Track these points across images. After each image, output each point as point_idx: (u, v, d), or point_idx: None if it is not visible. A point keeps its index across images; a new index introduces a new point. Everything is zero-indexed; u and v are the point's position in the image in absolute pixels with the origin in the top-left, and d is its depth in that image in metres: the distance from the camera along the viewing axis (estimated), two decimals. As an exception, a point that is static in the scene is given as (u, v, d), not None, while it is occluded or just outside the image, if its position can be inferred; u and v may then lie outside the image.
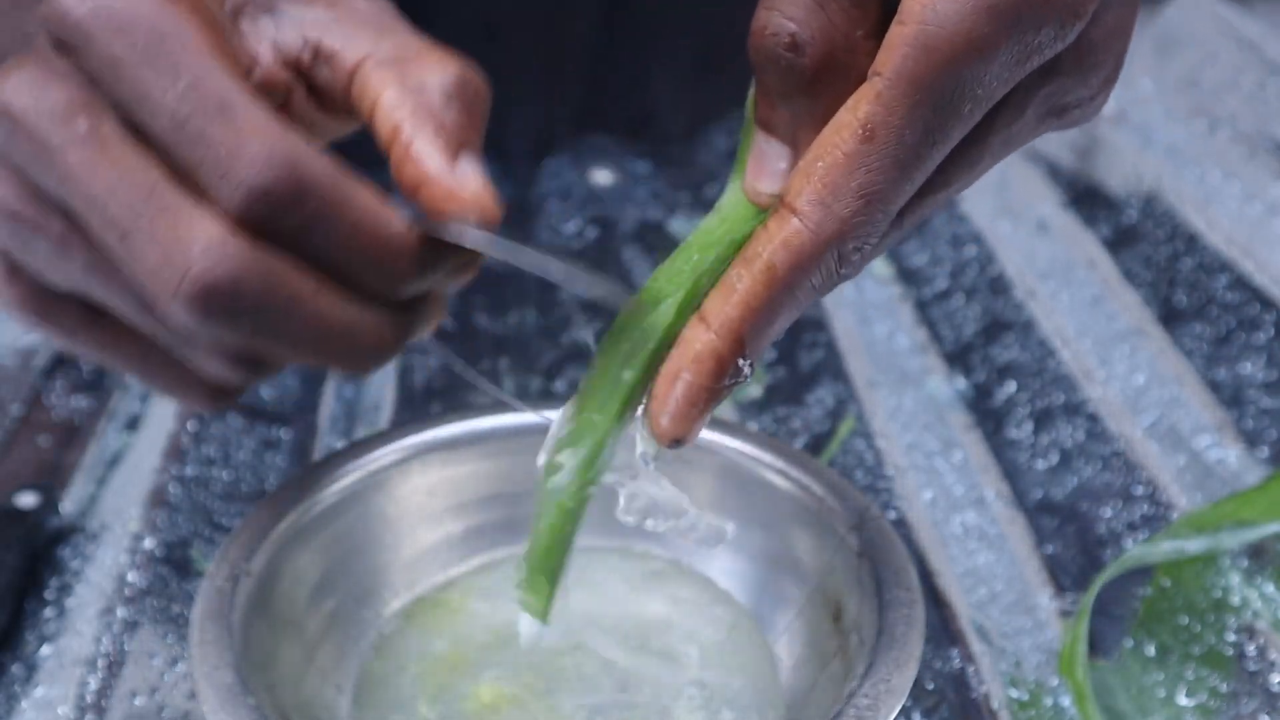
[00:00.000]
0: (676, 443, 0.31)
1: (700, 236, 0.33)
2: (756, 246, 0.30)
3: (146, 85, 0.29)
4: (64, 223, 0.31)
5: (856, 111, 0.29)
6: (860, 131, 0.29)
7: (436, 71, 0.33)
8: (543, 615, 0.35)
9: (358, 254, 0.30)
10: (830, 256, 0.30)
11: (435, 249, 0.31)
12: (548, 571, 0.34)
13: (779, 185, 0.31)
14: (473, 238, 0.31)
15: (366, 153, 0.35)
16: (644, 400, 0.32)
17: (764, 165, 0.32)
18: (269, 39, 0.34)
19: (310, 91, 0.35)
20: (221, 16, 0.33)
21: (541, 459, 0.34)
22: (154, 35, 0.29)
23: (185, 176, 0.29)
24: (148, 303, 0.30)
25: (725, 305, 0.30)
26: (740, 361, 0.31)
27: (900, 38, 0.28)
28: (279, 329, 0.30)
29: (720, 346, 0.30)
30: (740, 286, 0.30)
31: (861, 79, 0.29)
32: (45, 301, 0.33)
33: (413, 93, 0.33)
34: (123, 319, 0.32)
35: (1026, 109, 0.31)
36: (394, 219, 0.31)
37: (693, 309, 0.32)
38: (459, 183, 0.31)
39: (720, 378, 0.30)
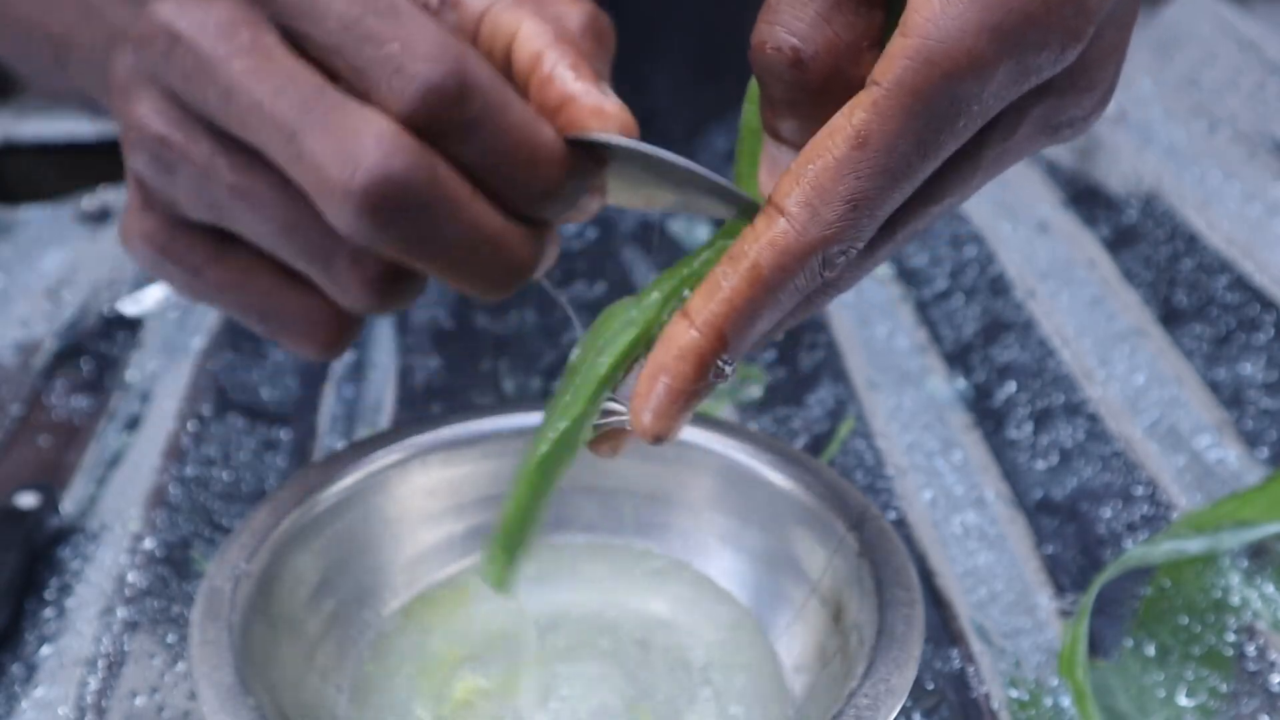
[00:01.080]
0: (658, 439, 0.32)
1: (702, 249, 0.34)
2: (743, 245, 0.30)
3: None
4: (211, 144, 0.31)
5: (851, 118, 0.29)
6: (853, 138, 0.29)
7: (571, 6, 0.34)
8: (500, 585, 0.36)
9: (514, 158, 0.30)
10: (815, 259, 0.30)
11: (577, 166, 0.32)
12: (508, 543, 0.35)
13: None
14: (619, 139, 0.32)
15: None
16: (618, 386, 0.33)
17: (776, 171, 0.32)
18: None
19: None
20: None
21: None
22: None
23: (352, 82, 0.30)
24: (292, 223, 0.31)
25: (709, 302, 0.30)
26: (721, 360, 0.31)
27: (901, 49, 0.28)
28: (438, 234, 0.30)
29: (702, 344, 0.30)
30: (725, 284, 0.30)
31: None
32: (175, 235, 0.34)
33: (552, 22, 0.34)
34: (261, 245, 0.33)
35: (1020, 126, 0.31)
36: (548, 127, 0.31)
37: (678, 301, 0.32)
38: (605, 100, 0.32)
39: (702, 376, 0.31)
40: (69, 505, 0.51)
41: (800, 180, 0.29)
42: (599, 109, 0.32)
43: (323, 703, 0.39)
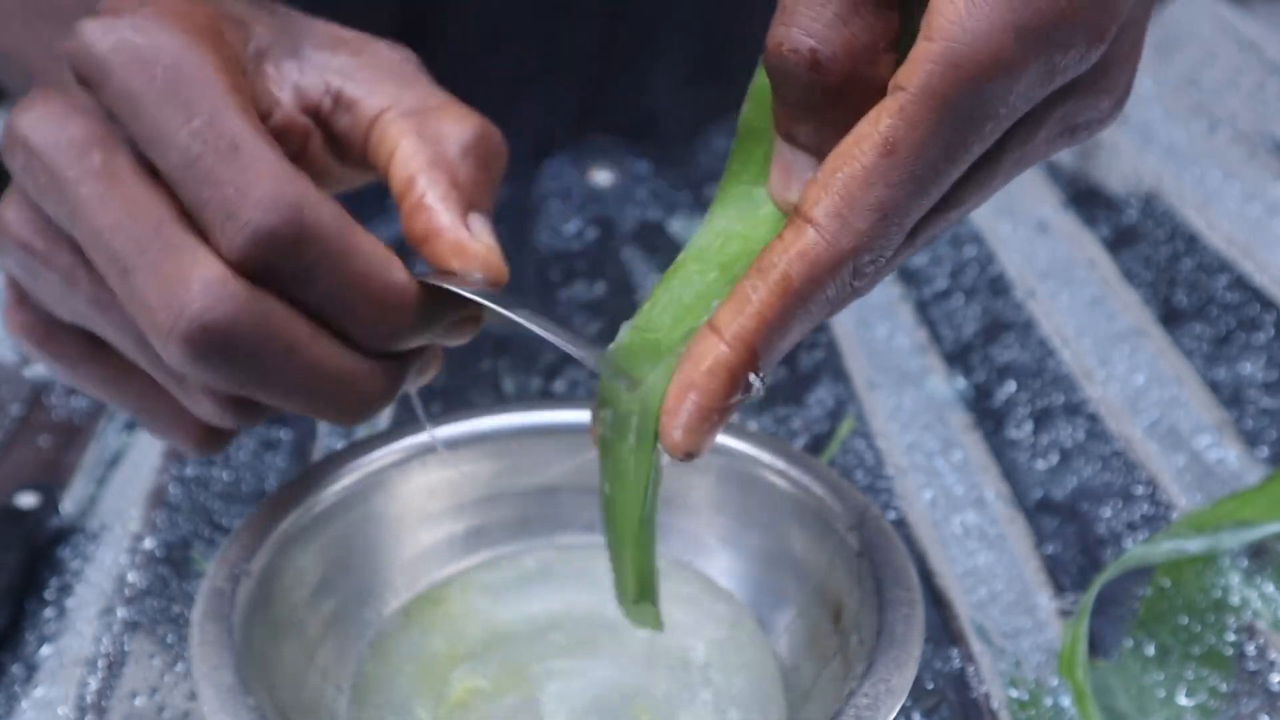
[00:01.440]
0: (689, 456, 0.30)
1: (696, 254, 0.33)
2: (771, 257, 0.29)
3: (161, 121, 0.29)
4: (72, 256, 0.31)
5: (878, 125, 0.28)
6: (881, 145, 0.28)
7: (455, 125, 0.34)
8: (657, 624, 0.36)
9: (358, 303, 0.30)
10: (846, 269, 0.29)
11: (436, 303, 0.32)
12: (643, 591, 0.35)
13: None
14: (473, 292, 0.31)
15: (370, 205, 0.35)
16: None
17: (791, 176, 0.31)
18: (291, 83, 0.34)
19: (328, 139, 0.35)
20: (245, 57, 0.33)
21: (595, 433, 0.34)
22: (172, 72, 0.29)
23: (193, 217, 0.29)
24: (145, 340, 0.31)
25: (739, 316, 0.29)
26: (752, 375, 0.30)
27: (926, 53, 0.27)
28: (272, 375, 0.30)
29: (733, 359, 0.29)
30: (755, 297, 0.29)
31: (882, 90, 0.29)
32: (50, 332, 0.34)
33: (430, 144, 0.33)
34: (123, 355, 0.33)
35: (1041, 129, 0.31)
36: (396, 269, 0.31)
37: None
38: (469, 238, 0.32)
39: (733, 392, 0.30)
40: (69, 505, 0.51)
41: (829, 189, 0.28)
42: (460, 247, 0.32)
43: (323, 703, 0.39)
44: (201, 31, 0.30)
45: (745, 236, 0.33)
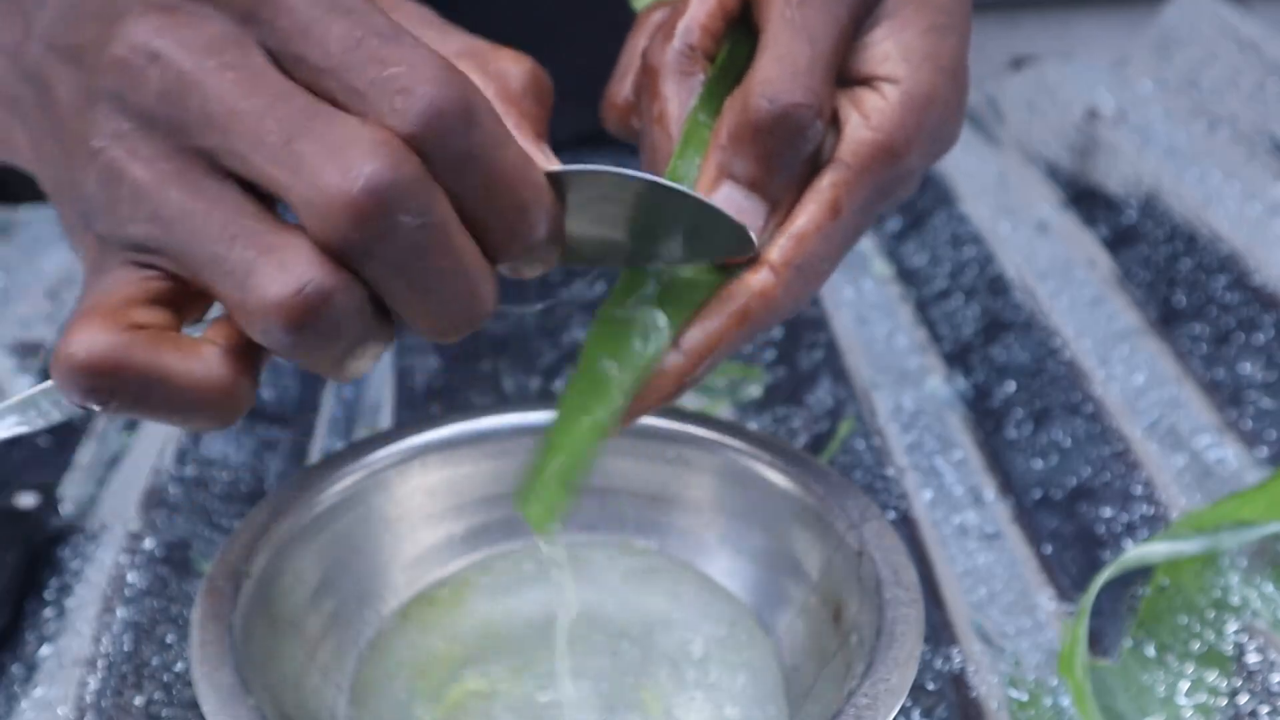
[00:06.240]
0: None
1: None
2: (734, 291, 0.35)
3: (312, 15, 0.29)
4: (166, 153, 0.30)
5: (825, 192, 0.35)
6: (829, 209, 0.35)
7: (514, 64, 0.36)
8: (543, 525, 0.37)
9: (505, 198, 0.30)
10: (793, 307, 0.36)
11: (557, 212, 0.32)
12: (561, 482, 0.36)
13: (755, 240, 0.35)
14: (606, 168, 0.32)
15: None
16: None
17: (744, 220, 0.35)
18: None
19: None
20: None
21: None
22: None
23: (344, 107, 0.29)
24: (304, 214, 0.29)
25: (695, 332, 0.35)
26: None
27: (868, 139, 0.35)
28: (422, 255, 0.29)
29: (687, 368, 0.35)
30: (713, 320, 0.35)
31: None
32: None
33: (495, 79, 0.35)
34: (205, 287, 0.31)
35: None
36: (538, 172, 0.31)
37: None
38: (547, 160, 0.33)
39: (680, 393, 0.36)
40: (69, 505, 0.51)
41: (782, 240, 0.35)
42: (543, 168, 0.32)
43: (323, 703, 0.39)
44: None
45: None
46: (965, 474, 0.53)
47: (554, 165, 0.33)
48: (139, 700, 0.42)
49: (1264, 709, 0.42)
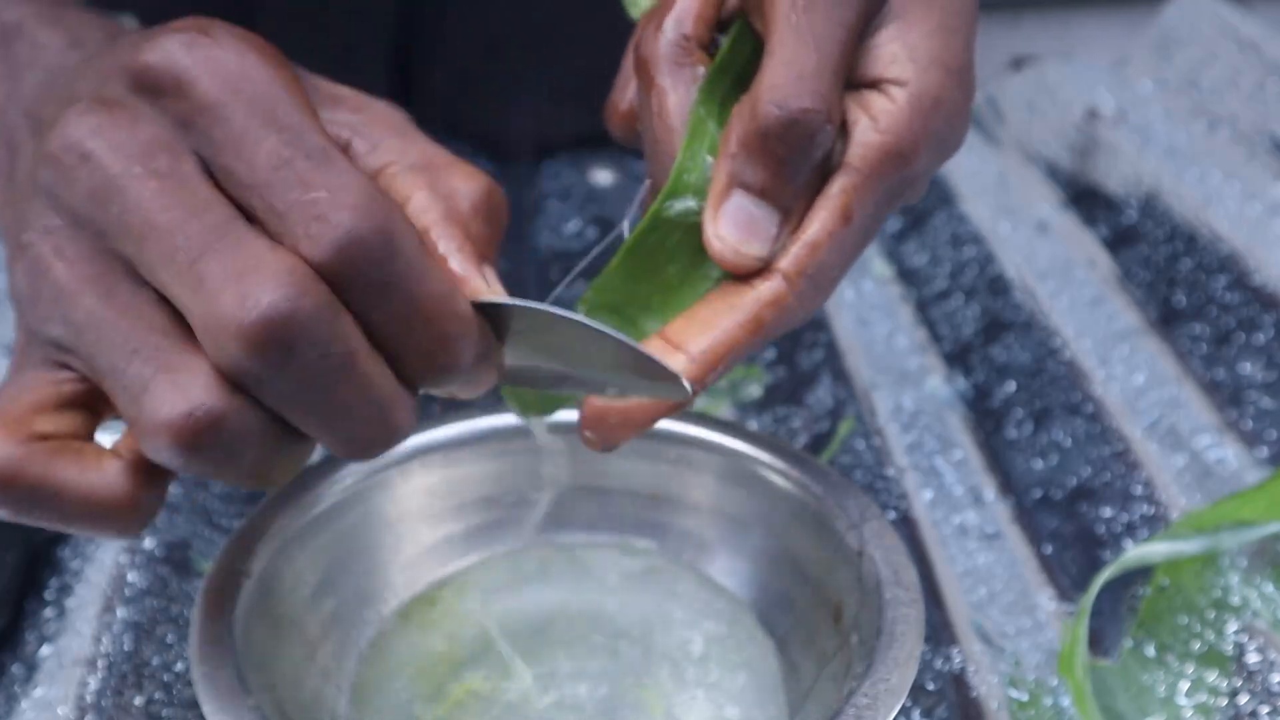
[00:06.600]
0: (608, 449, 0.35)
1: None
2: (742, 295, 0.34)
3: (249, 129, 0.29)
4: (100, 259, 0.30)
5: (836, 198, 0.34)
6: (840, 216, 0.34)
7: (466, 182, 0.34)
8: (532, 411, 0.37)
9: (423, 327, 0.30)
10: (805, 315, 0.35)
11: (485, 341, 0.31)
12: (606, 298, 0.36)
13: (769, 250, 0.34)
14: (527, 303, 0.31)
15: None
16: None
17: (756, 231, 0.34)
18: None
19: None
20: None
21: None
22: (261, 86, 0.29)
23: (265, 225, 0.29)
24: (202, 333, 0.29)
25: (703, 338, 0.34)
26: (690, 384, 0.34)
27: (877, 143, 0.34)
28: (325, 385, 0.29)
29: (695, 374, 0.33)
30: (722, 327, 0.34)
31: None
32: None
33: (443, 198, 0.33)
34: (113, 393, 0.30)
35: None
36: (464, 303, 0.30)
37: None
38: (486, 288, 0.32)
39: (688, 402, 0.34)
40: (69, 505, 0.51)
41: (795, 248, 0.34)
42: (478, 294, 0.32)
43: (323, 703, 0.39)
44: (278, 60, 0.30)
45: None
46: (965, 474, 0.53)
47: (493, 292, 0.32)
48: (139, 700, 0.42)
49: (1264, 709, 0.42)
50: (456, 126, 0.73)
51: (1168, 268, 0.64)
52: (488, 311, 0.31)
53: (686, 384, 0.32)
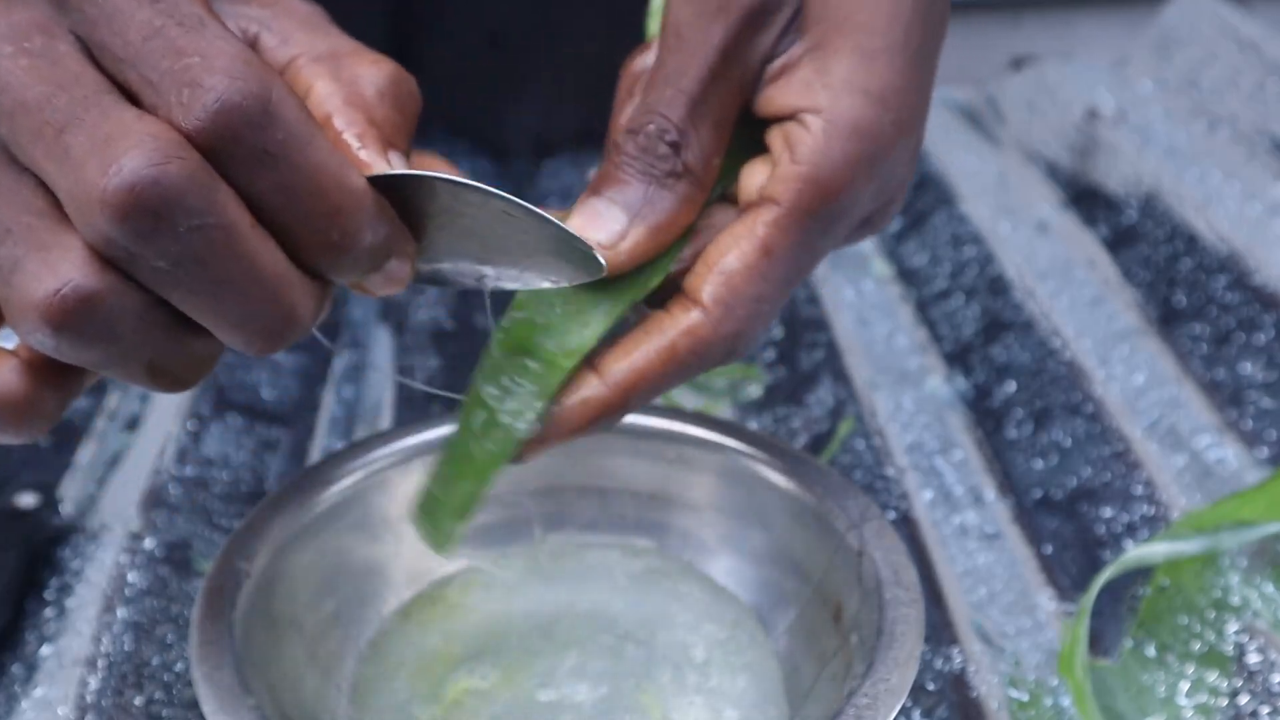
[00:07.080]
0: (519, 461, 0.35)
1: None
2: (661, 324, 0.34)
3: (120, 3, 0.28)
4: None
5: (755, 229, 0.33)
6: (760, 248, 0.33)
7: (370, 68, 0.33)
8: (444, 547, 0.36)
9: (313, 201, 0.28)
10: (724, 347, 0.34)
11: (386, 217, 0.30)
12: (459, 511, 0.36)
13: (607, 237, 0.34)
14: (434, 173, 0.30)
15: None
16: None
17: (600, 223, 0.34)
18: None
19: None
20: None
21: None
22: None
23: (138, 97, 0.28)
24: (68, 207, 0.28)
25: (621, 364, 0.33)
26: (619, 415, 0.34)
27: (795, 174, 0.33)
28: (204, 259, 0.27)
29: (611, 400, 0.33)
30: (639, 353, 0.33)
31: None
32: None
33: (345, 85, 0.32)
34: None
35: (858, 229, 0.37)
36: (354, 173, 0.29)
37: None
38: (389, 170, 0.31)
39: (596, 428, 0.34)
40: (69, 505, 0.51)
41: (715, 279, 0.33)
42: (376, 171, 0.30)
43: (323, 703, 0.39)
44: None
45: None
46: (965, 474, 0.53)
47: (402, 170, 0.30)
48: (139, 700, 0.42)
49: (1264, 709, 0.42)
50: (455, 125, 0.73)
51: (1168, 268, 0.64)
52: (397, 195, 0.30)
53: (601, 259, 0.32)
